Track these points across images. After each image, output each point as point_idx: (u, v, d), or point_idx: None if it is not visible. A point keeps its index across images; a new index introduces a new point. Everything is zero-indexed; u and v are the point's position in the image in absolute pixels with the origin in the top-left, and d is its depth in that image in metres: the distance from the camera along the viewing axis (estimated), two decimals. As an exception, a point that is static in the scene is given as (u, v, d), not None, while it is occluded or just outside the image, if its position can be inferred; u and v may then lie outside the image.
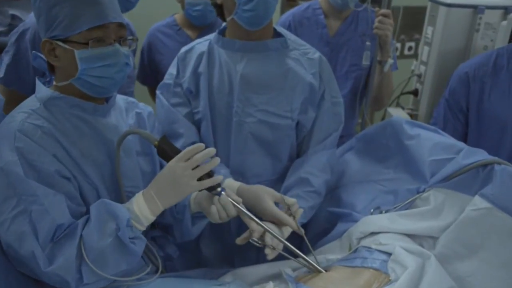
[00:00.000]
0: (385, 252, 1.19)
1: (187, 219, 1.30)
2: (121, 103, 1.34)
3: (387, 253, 1.18)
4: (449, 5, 2.23)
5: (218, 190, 1.18)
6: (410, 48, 3.45)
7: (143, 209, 1.10)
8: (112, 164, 1.21)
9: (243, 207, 1.21)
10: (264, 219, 1.27)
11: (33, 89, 1.19)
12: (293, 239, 1.28)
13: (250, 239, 1.21)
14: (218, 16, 1.52)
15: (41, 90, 1.17)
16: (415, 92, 2.47)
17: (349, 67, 2.05)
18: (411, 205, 1.30)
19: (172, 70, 1.53)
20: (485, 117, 1.66)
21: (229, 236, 1.52)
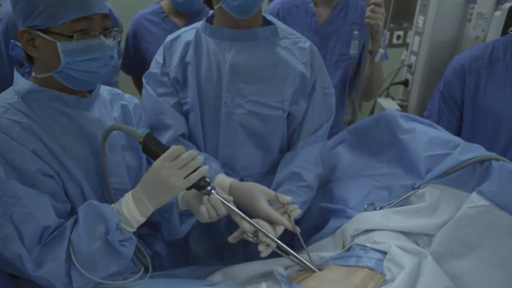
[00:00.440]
0: (380, 251, 1.16)
1: (175, 218, 1.26)
2: (105, 95, 1.28)
3: (382, 252, 1.16)
4: (441, -6, 2.21)
5: (208, 189, 1.14)
6: (399, 37, 3.42)
7: (133, 211, 1.06)
8: (96, 160, 1.16)
9: (234, 206, 1.17)
10: (257, 218, 1.23)
11: (9, 83, 1.13)
12: (285, 236, 1.25)
13: (244, 235, 1.17)
14: (205, 4, 1.46)
15: (20, 82, 1.10)
16: (406, 83, 2.45)
17: (339, 57, 2.02)
18: (406, 202, 1.27)
19: (159, 59, 1.47)
20: (480, 111, 1.63)
21: (219, 232, 1.48)
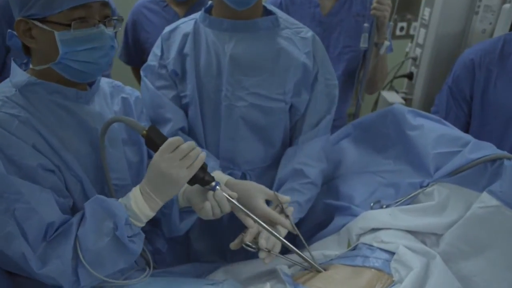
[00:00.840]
0: (387, 251, 1.13)
1: (175, 215, 1.23)
2: (106, 88, 1.24)
3: (390, 252, 1.13)
4: (448, -14, 2.16)
5: (213, 185, 1.10)
6: (402, 29, 3.38)
7: (142, 206, 1.03)
8: (96, 155, 1.12)
9: (238, 203, 1.14)
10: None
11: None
12: (286, 235, 1.21)
13: (243, 244, 1.14)
14: None
15: (17, 74, 1.06)
16: (410, 76, 2.41)
17: (342, 49, 1.98)
18: (414, 200, 1.25)
19: (156, 51, 1.44)
20: (490, 107, 1.60)
21: (220, 229, 1.45)
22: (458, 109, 1.71)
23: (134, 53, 2.29)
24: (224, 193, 1.11)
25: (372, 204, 1.30)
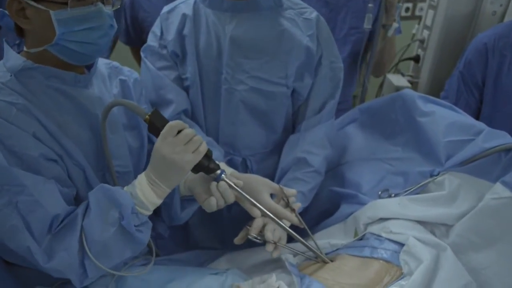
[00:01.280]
0: (396, 242, 1.10)
1: (176, 204, 1.20)
2: (103, 69, 1.18)
3: (398, 243, 1.10)
4: (459, -35, 2.08)
5: (218, 173, 1.07)
6: (407, 9, 3.31)
7: (148, 193, 1.00)
8: (97, 141, 1.08)
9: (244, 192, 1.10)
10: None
11: None
12: (290, 227, 1.17)
13: (249, 236, 1.11)
14: None
15: (11, 58, 1.00)
16: (417, 58, 2.35)
17: (348, 30, 1.92)
18: (424, 189, 1.21)
19: (156, 31, 1.38)
20: (502, 93, 1.55)
21: (221, 217, 1.42)
22: (469, 95, 1.66)
23: (133, 33, 2.22)
24: (230, 182, 1.07)
25: (380, 193, 1.26)
